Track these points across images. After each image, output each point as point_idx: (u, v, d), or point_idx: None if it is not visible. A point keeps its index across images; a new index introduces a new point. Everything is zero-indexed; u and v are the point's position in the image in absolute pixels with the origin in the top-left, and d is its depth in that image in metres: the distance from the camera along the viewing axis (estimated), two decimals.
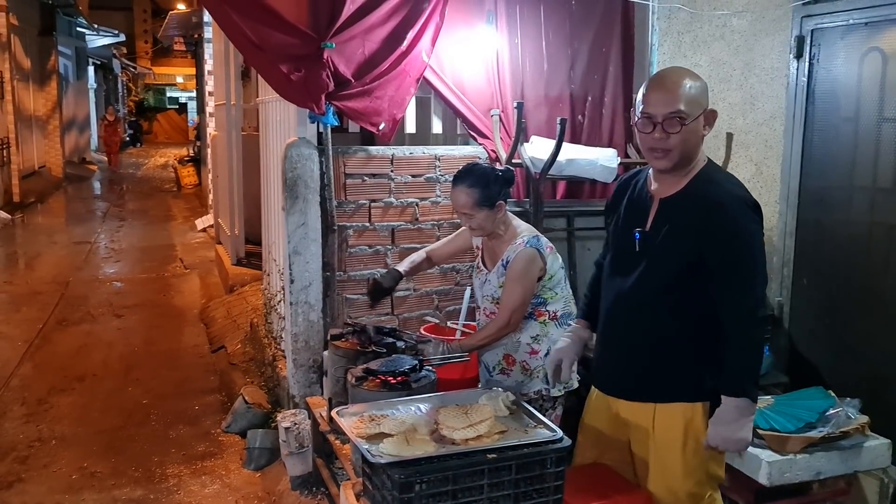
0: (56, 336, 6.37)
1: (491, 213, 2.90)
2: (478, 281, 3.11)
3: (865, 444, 2.98)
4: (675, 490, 2.37)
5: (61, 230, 11.69)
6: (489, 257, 3.07)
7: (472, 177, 2.90)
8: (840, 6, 3.50)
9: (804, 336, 3.80)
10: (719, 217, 2.18)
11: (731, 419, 2.20)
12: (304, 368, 3.90)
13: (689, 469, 2.34)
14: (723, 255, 2.18)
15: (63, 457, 4.17)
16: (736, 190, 2.25)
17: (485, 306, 3.07)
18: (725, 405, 2.22)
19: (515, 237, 2.95)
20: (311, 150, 3.80)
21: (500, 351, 2.99)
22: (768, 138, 3.92)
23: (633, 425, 2.44)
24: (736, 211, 2.19)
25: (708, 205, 2.20)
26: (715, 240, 2.18)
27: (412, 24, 3.80)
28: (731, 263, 2.18)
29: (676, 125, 2.17)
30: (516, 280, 2.89)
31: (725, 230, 2.18)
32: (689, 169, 2.27)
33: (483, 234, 3.00)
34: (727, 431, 2.21)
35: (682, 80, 2.21)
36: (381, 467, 2.12)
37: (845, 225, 3.63)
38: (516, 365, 2.98)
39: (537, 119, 4.31)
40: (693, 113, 2.18)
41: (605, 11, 4.40)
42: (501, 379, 2.99)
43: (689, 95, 2.18)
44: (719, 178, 2.28)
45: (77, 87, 21.90)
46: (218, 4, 3.58)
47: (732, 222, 2.18)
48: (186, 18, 12.92)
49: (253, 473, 3.96)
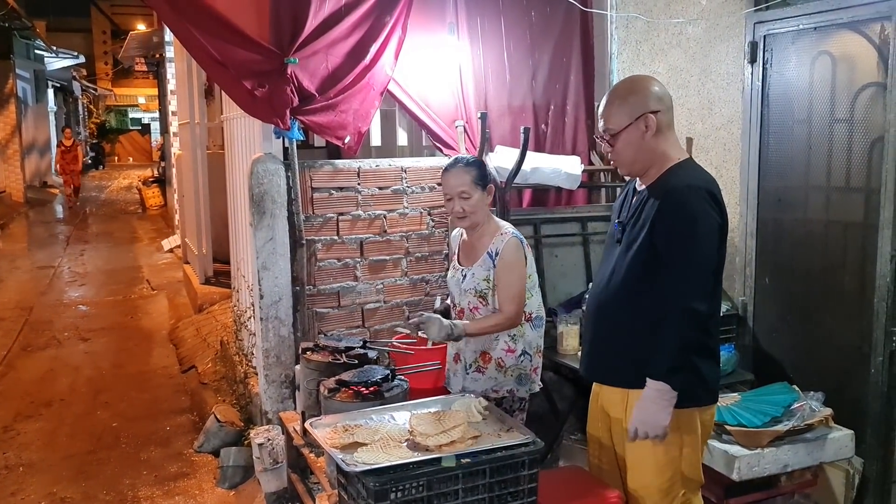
0: (21, 362, 6.25)
1: (483, 195, 2.94)
2: (454, 280, 3.08)
3: (830, 436, 3.05)
4: (647, 485, 2.44)
5: (23, 255, 11.48)
6: (466, 254, 3.06)
7: (470, 159, 2.99)
8: (790, 12, 3.61)
9: (768, 333, 3.89)
10: (665, 202, 2.29)
11: (651, 402, 2.28)
12: (276, 384, 3.88)
13: (660, 464, 2.40)
14: (666, 239, 2.27)
15: (31, 484, 4.09)
16: (691, 180, 2.32)
17: (468, 301, 3.00)
18: (649, 388, 2.30)
19: (499, 229, 2.97)
20: (278, 166, 3.81)
21: (478, 347, 2.98)
22: (726, 142, 4.02)
23: (612, 418, 2.52)
24: (683, 196, 2.27)
25: (661, 193, 2.33)
26: (662, 224, 2.28)
27: (375, 37, 3.83)
28: (672, 246, 2.26)
29: (611, 140, 2.39)
30: (512, 269, 2.89)
31: (669, 214, 2.28)
32: (661, 166, 2.38)
33: (471, 222, 2.97)
34: (646, 414, 2.29)
35: (611, 98, 2.40)
36: (356, 476, 2.13)
37: (803, 224, 3.73)
38: (492, 362, 2.97)
39: (501, 129, 4.36)
40: (618, 126, 2.35)
41: (565, 21, 4.47)
42: (476, 377, 2.98)
43: (614, 112, 2.37)
44: (682, 172, 2.36)
45: (36, 110, 21.46)
46: (179, 22, 3.57)
47: (676, 205, 2.27)
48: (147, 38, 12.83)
49: (227, 492, 3.92)
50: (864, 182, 3.39)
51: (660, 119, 2.34)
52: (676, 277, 2.25)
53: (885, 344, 3.26)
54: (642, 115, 2.33)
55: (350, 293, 4.08)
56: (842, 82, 3.48)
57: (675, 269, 2.25)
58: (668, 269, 2.27)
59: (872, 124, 3.32)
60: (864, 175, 3.39)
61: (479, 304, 2.97)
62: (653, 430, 2.29)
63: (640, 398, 2.32)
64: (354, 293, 4.09)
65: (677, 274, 2.25)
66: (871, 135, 3.34)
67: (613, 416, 2.51)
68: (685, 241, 2.24)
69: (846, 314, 3.49)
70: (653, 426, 2.29)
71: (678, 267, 2.25)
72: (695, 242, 2.24)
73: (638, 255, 2.35)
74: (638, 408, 2.32)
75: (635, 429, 2.32)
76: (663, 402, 2.27)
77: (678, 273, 2.25)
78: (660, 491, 2.42)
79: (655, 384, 2.28)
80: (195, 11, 3.48)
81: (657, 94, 2.37)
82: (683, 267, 2.24)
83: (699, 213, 2.25)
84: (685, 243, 2.24)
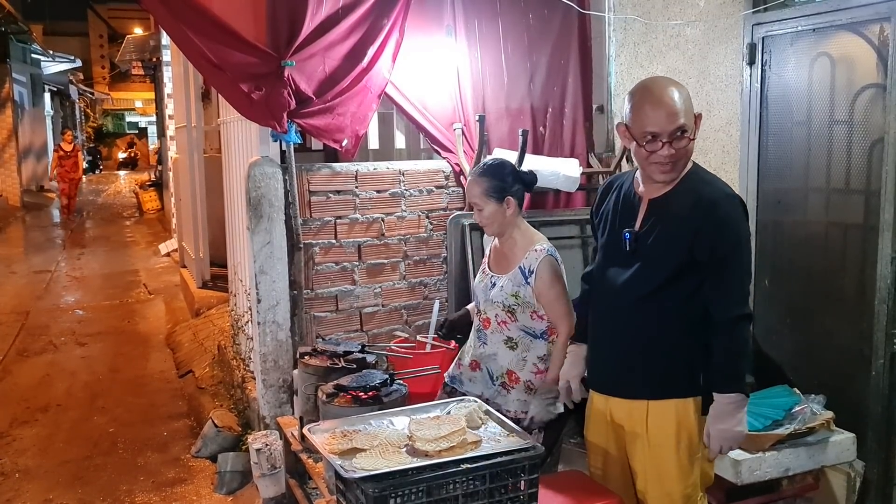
0: (17, 367, 6.22)
1: (500, 208, 2.80)
2: (481, 285, 2.95)
3: (831, 439, 3.04)
4: (671, 492, 2.39)
5: (20, 260, 11.44)
6: (497, 261, 2.93)
7: (487, 167, 2.87)
8: (788, 13, 3.59)
9: (768, 336, 3.86)
10: (713, 214, 2.24)
11: (727, 415, 2.25)
12: (273, 389, 3.86)
13: (683, 470, 2.37)
14: (714, 250, 2.23)
15: (27, 490, 4.06)
16: (727, 189, 2.33)
17: (495, 313, 2.87)
18: (720, 402, 2.26)
19: (533, 244, 2.83)
20: (275, 169, 3.79)
21: (504, 365, 2.87)
22: (725, 144, 4.00)
23: (627, 429, 2.45)
24: (729, 208, 2.26)
25: (703, 203, 2.26)
26: (708, 237, 2.23)
27: (372, 40, 3.82)
28: (721, 259, 2.24)
29: (683, 139, 2.24)
30: (552, 286, 2.78)
31: (719, 227, 2.24)
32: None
33: (493, 231, 2.88)
34: (726, 429, 2.26)
35: (676, 93, 2.25)
36: (354, 482, 2.11)
37: (803, 226, 3.71)
38: (520, 383, 2.85)
39: (499, 131, 4.35)
40: (692, 124, 2.26)
41: (563, 24, 4.46)
42: (500, 391, 2.89)
43: (686, 108, 2.24)
44: (710, 178, 2.36)
45: (33, 114, 21.41)
46: (176, 25, 3.56)
47: (726, 219, 2.24)
48: (144, 42, 12.82)
49: (225, 498, 3.89)
50: (864, 184, 3.37)
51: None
52: (728, 289, 2.26)
53: (885, 346, 3.24)
54: (699, 114, 2.29)
55: (348, 297, 4.07)
56: (841, 84, 3.46)
57: (725, 282, 2.25)
58: (717, 282, 2.26)
59: (872, 126, 3.30)
60: (864, 177, 3.37)
61: (508, 319, 2.85)
62: (736, 441, 2.29)
63: (715, 416, 2.27)
64: (352, 297, 4.08)
65: (729, 285, 2.26)
66: (870, 136, 3.32)
67: (629, 429, 2.43)
68: (735, 254, 2.26)
69: (846, 316, 3.47)
70: (736, 437, 2.28)
71: (730, 279, 2.25)
72: (743, 254, 2.28)
73: (670, 267, 2.29)
74: (716, 425, 2.27)
75: (719, 448, 2.29)
76: (741, 412, 2.26)
77: (730, 284, 2.26)
78: (682, 496, 2.39)
79: (728, 397, 2.25)
80: (191, 14, 3.47)
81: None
82: (734, 278, 2.26)
83: (742, 225, 2.29)
84: (735, 256, 2.26)
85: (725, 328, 2.25)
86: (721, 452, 2.31)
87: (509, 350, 2.87)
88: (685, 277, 2.29)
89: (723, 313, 2.26)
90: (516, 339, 2.86)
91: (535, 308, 2.82)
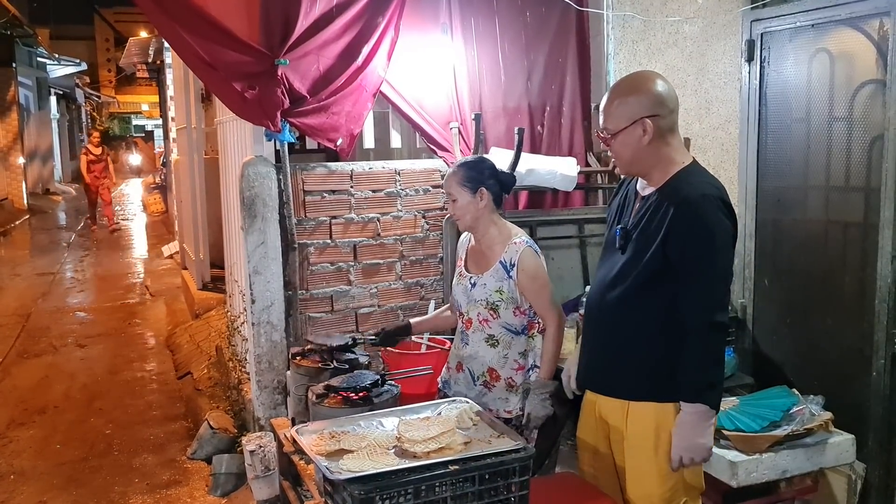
0: (16, 369, 6.22)
1: (472, 199, 2.78)
2: (460, 287, 2.92)
3: (830, 441, 2.98)
4: (650, 494, 2.35)
5: (24, 262, 11.47)
6: (476, 261, 2.91)
7: (466, 161, 2.87)
8: (787, 9, 3.55)
9: (767, 336, 3.82)
10: (686, 214, 2.17)
11: (690, 426, 2.19)
12: (268, 390, 3.83)
13: (662, 473, 2.32)
14: (685, 251, 2.16)
15: (22, 492, 4.04)
16: (705, 188, 2.21)
17: (477, 312, 2.84)
18: (685, 412, 2.21)
19: (511, 237, 2.81)
20: (269, 168, 3.76)
21: (485, 363, 2.85)
22: (724, 142, 3.96)
23: (611, 426, 2.43)
24: (704, 208, 2.16)
25: (678, 202, 2.19)
26: (680, 236, 2.17)
27: (367, 38, 3.79)
28: (693, 261, 2.16)
29: (609, 139, 2.29)
30: (535, 278, 2.76)
31: (691, 226, 2.16)
32: (664, 172, 2.27)
33: (465, 225, 2.85)
34: (689, 439, 2.20)
35: (612, 96, 2.29)
36: (341, 484, 2.07)
37: (802, 224, 3.67)
38: (500, 381, 2.84)
39: (496, 130, 4.31)
40: (616, 127, 2.25)
41: (560, 21, 4.42)
42: (482, 391, 2.87)
43: (612, 112, 2.27)
44: (693, 178, 2.25)
45: (39, 117, 21.48)
46: (168, 24, 3.53)
47: (698, 219, 2.15)
48: (146, 44, 12.82)
49: (219, 500, 3.87)
50: (864, 181, 3.33)
51: (660, 123, 2.22)
52: (697, 293, 2.17)
53: (886, 346, 3.19)
54: (639, 119, 2.21)
55: (343, 297, 4.03)
56: (840, 80, 3.42)
57: (695, 285, 2.17)
58: (687, 284, 2.18)
59: (872, 122, 3.26)
60: (864, 174, 3.33)
61: (490, 317, 2.82)
62: (698, 454, 2.21)
63: (678, 425, 2.22)
64: (348, 297, 4.04)
65: (698, 289, 2.17)
66: (870, 133, 3.28)
67: (613, 424, 2.42)
68: (704, 256, 2.15)
69: (847, 316, 3.43)
70: (698, 450, 2.20)
71: (699, 282, 2.17)
72: (714, 257, 2.16)
73: (648, 264, 2.24)
74: (678, 435, 2.21)
75: (679, 459, 2.22)
76: (704, 423, 2.18)
77: (699, 288, 2.17)
78: (662, 500, 2.35)
79: (693, 407, 2.18)
80: (184, 13, 3.44)
81: (660, 96, 2.23)
82: (704, 282, 2.17)
83: (716, 226, 2.16)
84: (704, 258, 2.15)
85: (695, 335, 2.17)
86: (683, 465, 2.23)
87: (490, 348, 2.84)
88: (665, 281, 2.22)
89: (693, 319, 2.17)
90: (497, 337, 2.83)
91: (519, 304, 2.80)
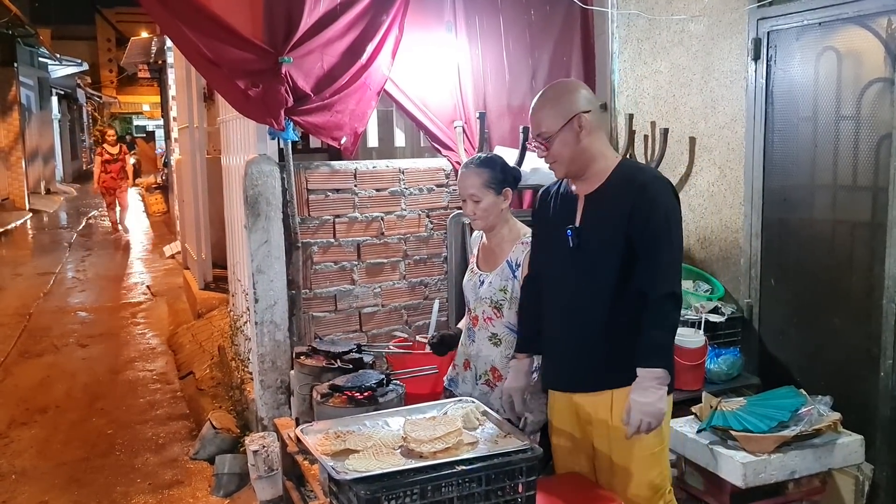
0: (17, 368, 6.20)
1: (497, 199, 2.77)
2: (470, 283, 2.92)
3: (838, 441, 2.96)
4: (640, 481, 2.41)
5: (25, 261, 11.46)
6: (486, 259, 2.90)
7: (483, 160, 2.85)
8: (794, 7, 3.53)
9: (774, 336, 3.80)
10: (645, 194, 2.33)
11: (648, 390, 2.27)
12: (271, 389, 3.81)
13: (655, 456, 2.41)
14: (645, 229, 2.30)
15: (23, 492, 4.02)
16: (654, 172, 2.49)
17: (482, 310, 2.85)
18: (643, 376, 2.29)
19: (520, 237, 2.81)
20: (272, 167, 3.74)
21: (489, 362, 2.85)
22: (730, 141, 3.93)
23: (594, 420, 2.48)
24: (659, 188, 2.36)
25: (634, 186, 2.35)
26: (641, 214, 2.31)
27: (371, 37, 3.77)
28: (652, 237, 2.30)
29: (546, 143, 2.42)
30: None
31: (650, 205, 2.31)
32: (602, 167, 2.42)
33: (485, 224, 2.83)
34: (648, 405, 2.27)
35: (542, 103, 2.44)
36: (346, 484, 2.06)
37: (809, 224, 3.64)
38: (503, 381, 2.80)
39: (501, 129, 4.29)
40: (553, 128, 2.38)
41: (565, 20, 4.41)
42: (484, 390, 2.86)
43: (546, 115, 2.40)
44: (641, 166, 2.53)
45: (40, 117, 21.49)
46: (172, 22, 3.51)
47: (656, 197, 2.33)
48: (148, 44, 12.81)
49: (222, 500, 3.85)
50: (872, 180, 3.30)
51: (591, 119, 2.40)
52: (661, 265, 2.31)
53: (894, 346, 3.16)
54: (575, 115, 2.36)
55: (347, 297, 4.02)
56: (848, 78, 3.39)
57: (659, 258, 2.30)
58: (650, 260, 2.31)
59: (880, 121, 3.24)
60: (872, 173, 3.30)
61: (494, 316, 2.82)
62: (656, 419, 2.28)
63: (636, 390, 2.29)
64: (351, 297, 4.03)
65: (662, 263, 2.31)
66: (878, 132, 3.25)
67: (598, 418, 2.46)
68: (667, 231, 2.32)
69: (854, 316, 3.40)
70: (656, 415, 2.27)
71: (663, 256, 2.31)
72: (672, 233, 2.34)
73: (615, 256, 2.36)
74: (637, 401, 2.28)
75: (638, 423, 2.27)
76: (662, 389, 2.28)
77: (663, 262, 2.31)
78: (651, 486, 2.42)
79: (652, 372, 2.28)
80: (188, 10, 3.42)
81: (586, 94, 2.45)
82: (668, 255, 2.32)
83: (672, 205, 2.36)
84: (666, 233, 2.32)
85: (654, 304, 2.29)
86: (640, 430, 2.29)
87: (493, 347, 2.84)
88: (632, 265, 2.34)
89: (652, 290, 2.29)
90: (500, 336, 2.83)
91: None
